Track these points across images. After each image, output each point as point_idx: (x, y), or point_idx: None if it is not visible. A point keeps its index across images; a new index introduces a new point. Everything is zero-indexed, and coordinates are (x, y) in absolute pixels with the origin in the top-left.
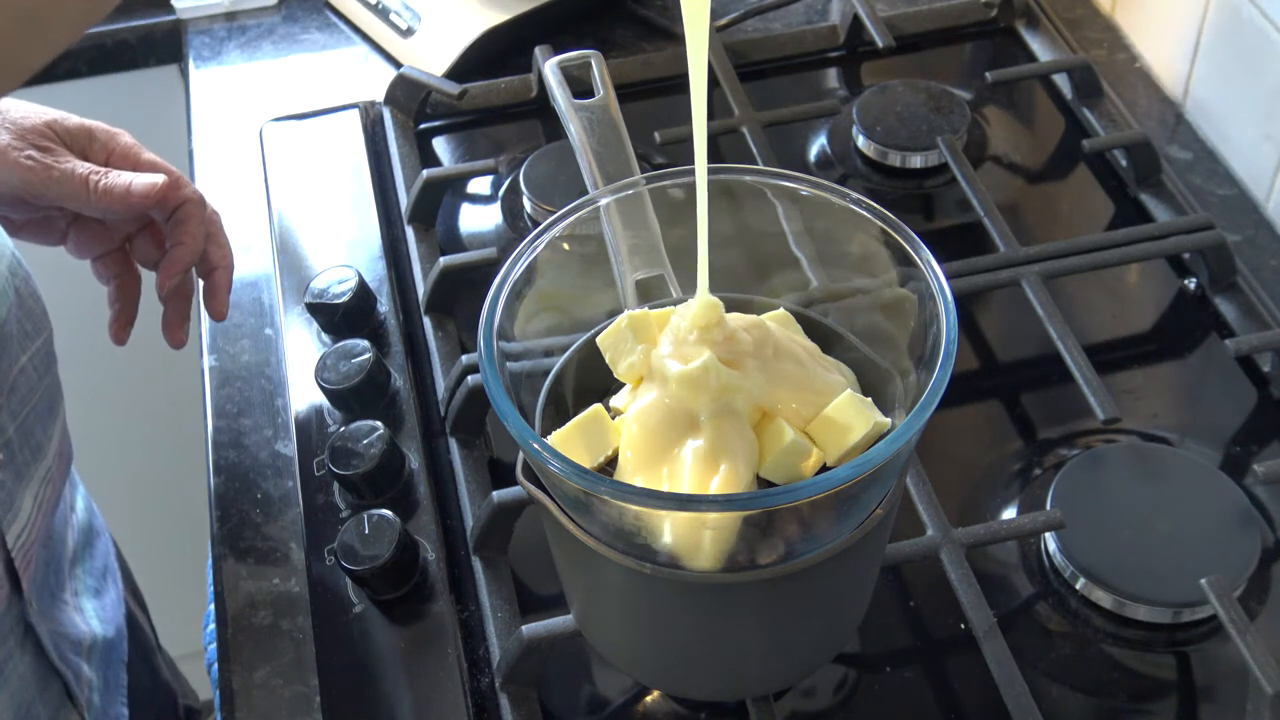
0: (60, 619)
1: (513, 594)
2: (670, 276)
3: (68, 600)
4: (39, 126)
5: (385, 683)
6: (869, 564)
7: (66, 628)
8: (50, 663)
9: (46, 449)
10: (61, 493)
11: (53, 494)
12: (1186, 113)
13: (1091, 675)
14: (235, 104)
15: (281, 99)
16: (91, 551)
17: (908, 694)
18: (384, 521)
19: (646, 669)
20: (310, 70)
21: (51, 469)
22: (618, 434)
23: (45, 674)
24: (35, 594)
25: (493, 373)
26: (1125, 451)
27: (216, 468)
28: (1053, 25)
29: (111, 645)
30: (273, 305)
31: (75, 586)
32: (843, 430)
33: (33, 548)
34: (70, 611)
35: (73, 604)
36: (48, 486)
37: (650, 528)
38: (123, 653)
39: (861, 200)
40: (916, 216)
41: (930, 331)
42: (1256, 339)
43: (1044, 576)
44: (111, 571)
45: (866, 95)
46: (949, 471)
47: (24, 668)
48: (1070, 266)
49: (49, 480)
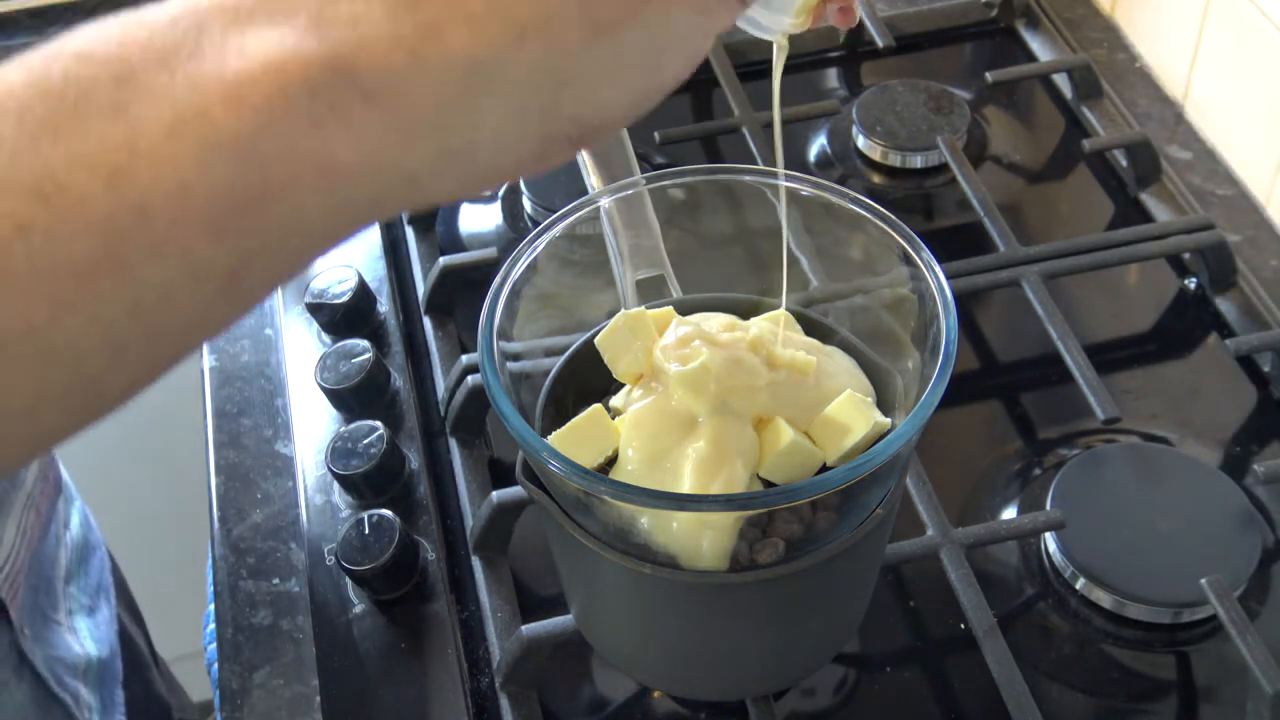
0: (54, 642)
1: (513, 594)
2: (670, 276)
3: (61, 620)
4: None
5: (385, 683)
6: (869, 564)
7: (61, 651)
8: (49, 689)
9: (23, 476)
10: (51, 514)
11: (38, 519)
12: (1186, 113)
13: (1091, 675)
14: None
15: None
16: (86, 568)
17: (908, 694)
18: (384, 521)
19: (646, 669)
20: None
21: (34, 494)
22: (618, 434)
23: (44, 701)
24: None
25: (493, 373)
26: (1125, 451)
27: (216, 468)
28: (1053, 25)
29: (106, 665)
30: (272, 305)
31: (69, 605)
32: (843, 430)
33: (19, 575)
34: (64, 633)
35: (66, 624)
36: (30, 512)
37: (650, 528)
38: (117, 671)
39: (861, 200)
40: (916, 216)
41: (930, 331)
42: (1256, 339)
43: (1044, 576)
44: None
45: (866, 95)
46: (949, 471)
47: (21, 696)
48: (1070, 266)
49: (31, 506)
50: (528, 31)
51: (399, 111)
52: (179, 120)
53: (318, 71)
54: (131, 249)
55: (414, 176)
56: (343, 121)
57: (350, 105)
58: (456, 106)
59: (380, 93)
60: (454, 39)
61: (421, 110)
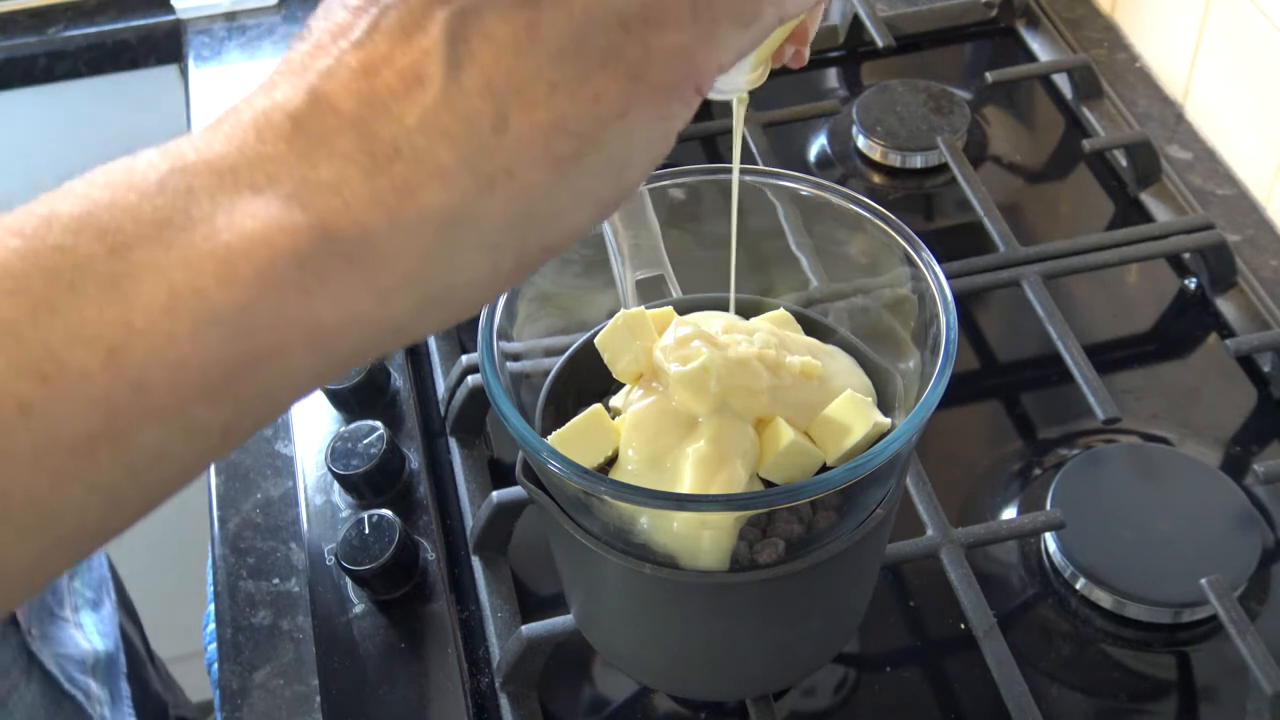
0: (62, 639)
1: (513, 594)
2: (670, 276)
3: (68, 617)
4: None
5: (385, 683)
6: (869, 564)
7: (69, 648)
8: (60, 687)
9: None
10: None
11: None
12: (1186, 113)
13: (1091, 675)
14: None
15: None
16: (89, 563)
17: (908, 694)
18: (384, 521)
19: (646, 669)
20: None
21: None
22: (618, 434)
23: (56, 698)
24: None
25: (493, 373)
26: (1125, 451)
27: (217, 468)
28: (1053, 25)
29: (112, 658)
30: None
31: (74, 601)
32: (843, 430)
33: None
34: (71, 629)
35: (73, 620)
36: None
37: (650, 528)
38: (122, 664)
39: (861, 200)
40: (916, 216)
41: (930, 331)
42: (1256, 339)
43: (1044, 576)
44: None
45: (866, 95)
46: (949, 471)
47: (31, 696)
48: (1070, 266)
49: None
50: (496, 179)
51: (380, 270)
52: (174, 297)
53: (305, 242)
54: (130, 420)
55: (396, 326)
56: (328, 286)
57: (334, 270)
58: (434, 258)
59: (362, 255)
60: (427, 195)
61: (401, 266)
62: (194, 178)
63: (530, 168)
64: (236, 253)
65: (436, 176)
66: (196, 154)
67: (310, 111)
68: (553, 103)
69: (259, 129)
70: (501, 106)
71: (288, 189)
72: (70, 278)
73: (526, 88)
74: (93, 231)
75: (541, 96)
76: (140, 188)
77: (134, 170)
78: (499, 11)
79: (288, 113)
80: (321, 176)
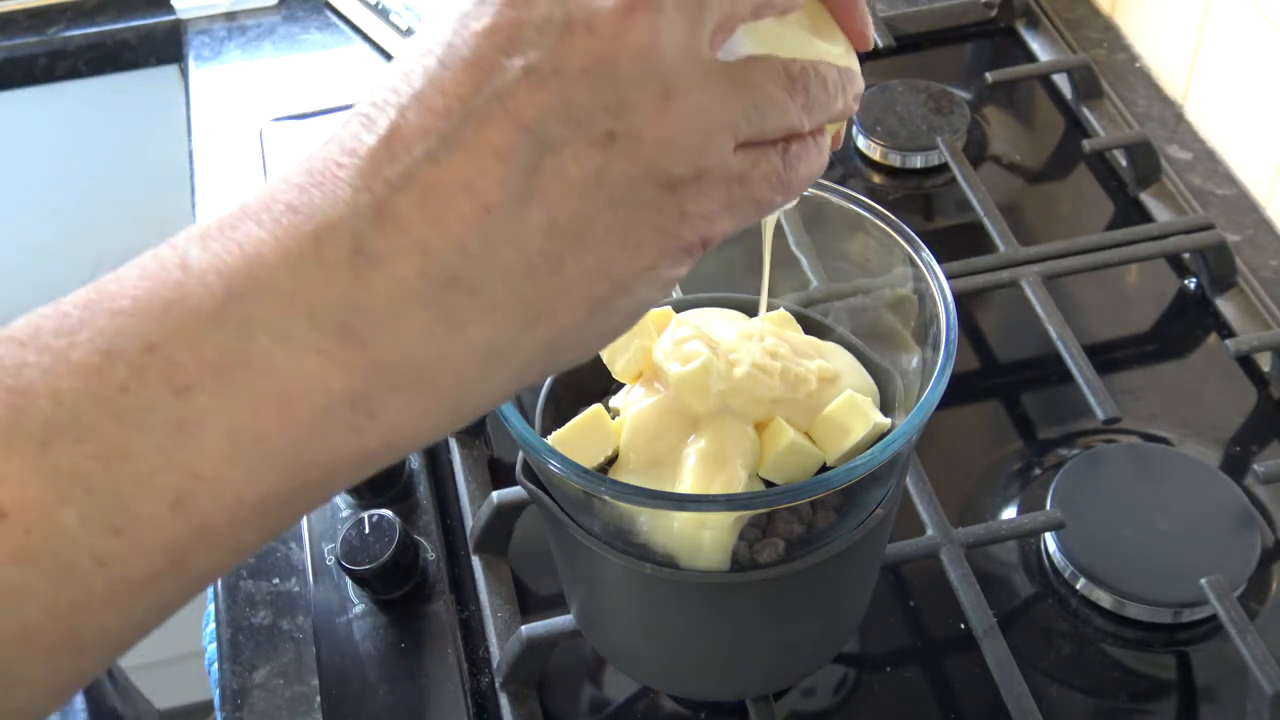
0: None
1: (513, 594)
2: None
3: None
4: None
5: (385, 683)
6: (869, 564)
7: None
8: None
9: None
10: None
11: None
12: (1186, 113)
13: (1091, 675)
14: (235, 104)
15: (282, 99)
16: None
17: (908, 694)
18: (384, 521)
19: (646, 669)
20: (310, 70)
21: None
22: (618, 434)
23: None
24: None
25: None
26: (1125, 451)
27: None
28: (1053, 25)
29: None
30: None
31: None
32: (842, 430)
33: None
34: None
35: None
36: None
37: (650, 527)
38: None
39: (861, 200)
40: (916, 216)
41: (930, 331)
42: (1256, 339)
43: (1044, 576)
44: None
45: (866, 95)
46: (949, 471)
47: None
48: (1070, 266)
49: None
50: (541, 316)
51: (423, 398)
52: (235, 443)
53: (359, 381)
54: (190, 555)
55: (425, 441)
56: (376, 421)
57: (383, 405)
58: (470, 385)
59: (408, 385)
60: (477, 329)
61: (440, 393)
62: (252, 306)
63: (572, 308)
64: (294, 396)
65: (489, 311)
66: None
67: (375, 232)
68: (603, 249)
69: (320, 242)
70: (560, 247)
71: (343, 316)
72: (137, 423)
73: (584, 231)
74: (158, 370)
75: (596, 241)
76: (199, 311)
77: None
78: (574, 150)
79: (352, 231)
80: (378, 306)
